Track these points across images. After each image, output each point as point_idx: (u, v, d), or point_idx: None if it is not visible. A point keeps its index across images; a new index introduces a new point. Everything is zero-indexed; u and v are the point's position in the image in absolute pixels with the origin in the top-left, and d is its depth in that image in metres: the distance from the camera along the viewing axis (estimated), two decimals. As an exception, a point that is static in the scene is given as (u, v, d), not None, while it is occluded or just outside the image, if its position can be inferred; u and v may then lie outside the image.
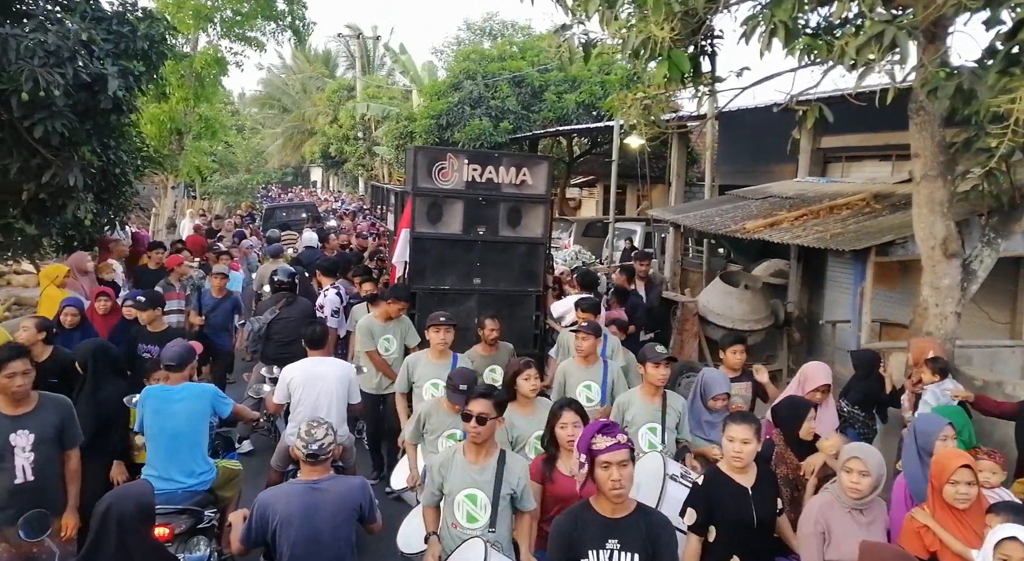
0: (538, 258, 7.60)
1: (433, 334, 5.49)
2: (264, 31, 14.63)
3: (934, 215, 6.03)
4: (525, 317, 7.56)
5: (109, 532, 2.87)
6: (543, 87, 19.83)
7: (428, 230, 7.31)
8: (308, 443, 3.56)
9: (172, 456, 4.44)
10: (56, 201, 7.92)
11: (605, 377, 5.55)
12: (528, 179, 7.38)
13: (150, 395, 4.56)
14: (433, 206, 7.29)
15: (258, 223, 19.80)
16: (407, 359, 5.67)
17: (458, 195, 7.25)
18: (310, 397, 5.28)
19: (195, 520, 4.31)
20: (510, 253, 7.49)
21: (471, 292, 7.39)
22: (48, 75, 6.49)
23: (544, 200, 7.54)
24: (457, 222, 7.34)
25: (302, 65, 45.85)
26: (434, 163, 7.15)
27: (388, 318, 6.50)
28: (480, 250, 7.41)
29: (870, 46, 4.31)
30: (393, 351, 6.53)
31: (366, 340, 6.46)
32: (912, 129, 6.03)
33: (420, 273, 7.29)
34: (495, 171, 7.26)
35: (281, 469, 5.46)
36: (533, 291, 7.58)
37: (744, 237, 8.26)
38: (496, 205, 7.36)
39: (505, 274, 7.48)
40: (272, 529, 3.41)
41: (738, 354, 5.66)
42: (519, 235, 7.49)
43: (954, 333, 6.28)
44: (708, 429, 5.17)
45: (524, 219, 7.51)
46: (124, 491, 3.14)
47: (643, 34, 4.73)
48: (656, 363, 4.81)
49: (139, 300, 6.56)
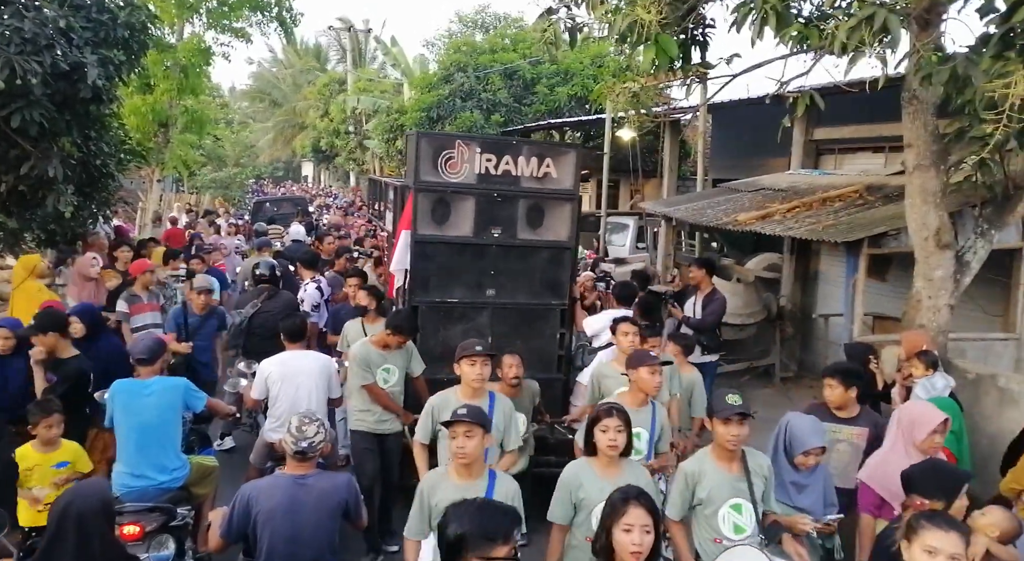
0: (563, 265, 6.35)
1: (467, 368, 4.38)
2: (251, 22, 14.43)
3: (927, 206, 5.95)
4: (548, 336, 6.38)
5: (67, 530, 2.77)
6: (535, 80, 19.71)
7: (433, 232, 6.12)
8: (298, 440, 3.47)
9: (143, 452, 4.33)
10: (36, 193, 7.78)
11: (654, 424, 4.51)
12: (552, 171, 6.17)
13: (119, 390, 4.45)
14: (439, 203, 6.12)
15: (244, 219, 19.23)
16: (432, 401, 4.53)
17: (469, 190, 6.06)
18: (289, 392, 5.19)
19: (167, 518, 4.19)
20: (530, 260, 6.28)
21: (483, 306, 6.20)
22: (25, 63, 6.35)
23: (571, 196, 6.29)
24: (467, 222, 6.13)
25: (293, 59, 45.60)
26: (440, 152, 5.98)
27: (387, 347, 5.47)
28: (494, 256, 6.20)
29: (860, 29, 4.21)
30: (394, 383, 5.49)
31: (361, 372, 5.37)
32: (905, 118, 5.94)
33: (423, 283, 6.11)
34: (513, 162, 6.07)
35: (260, 466, 5.36)
36: (557, 304, 6.34)
37: (736, 230, 8.17)
38: (514, 202, 6.16)
39: (524, 284, 6.27)
40: (253, 522, 3.35)
41: (836, 389, 4.46)
42: (541, 238, 6.30)
43: (947, 325, 6.22)
44: (795, 493, 4.07)
45: (547, 219, 6.31)
46: (84, 488, 3.04)
47: (629, 17, 4.62)
48: (726, 420, 3.62)
49: None
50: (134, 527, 3.97)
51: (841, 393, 4.47)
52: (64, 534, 2.76)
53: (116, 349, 5.69)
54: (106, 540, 2.88)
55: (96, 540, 2.81)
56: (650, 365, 4.38)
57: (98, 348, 5.48)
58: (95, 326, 5.64)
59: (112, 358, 5.43)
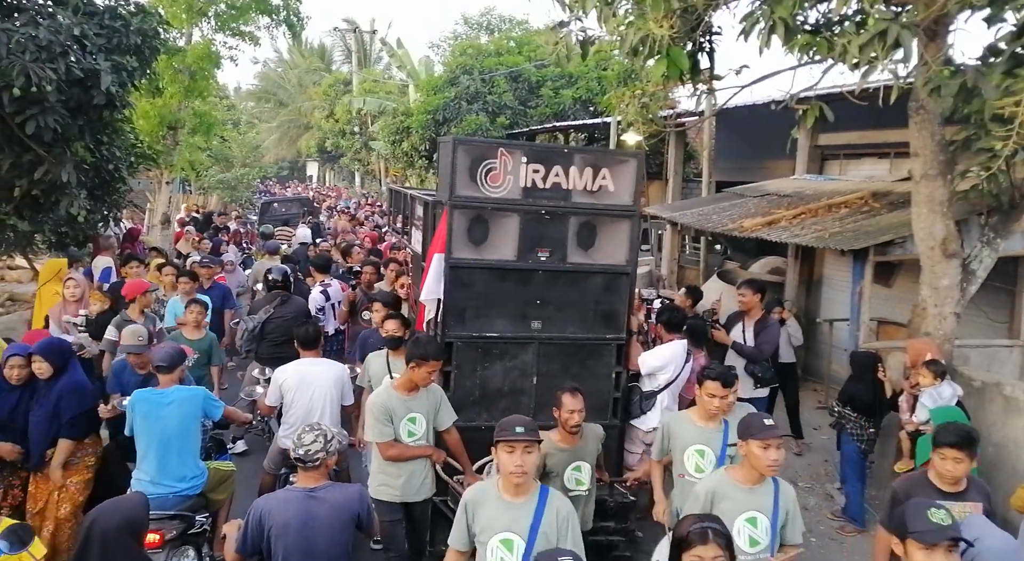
0: (620, 293, 5.54)
1: (505, 456, 3.34)
2: (259, 25, 14.53)
3: (933, 215, 5.99)
4: (602, 375, 5.54)
5: (91, 547, 2.82)
6: (540, 82, 19.77)
7: (470, 256, 5.33)
8: (296, 447, 3.53)
9: (163, 460, 4.39)
10: (49, 197, 7.87)
11: (777, 506, 3.70)
12: (609, 184, 5.37)
13: (140, 399, 4.50)
14: (477, 222, 5.32)
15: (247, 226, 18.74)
16: (466, 498, 3.49)
17: (512, 207, 5.27)
18: (303, 399, 5.23)
19: (186, 525, 4.26)
20: (582, 287, 5.48)
21: (527, 341, 5.40)
22: (40, 70, 6.42)
23: (631, 213, 5.47)
24: (510, 244, 5.33)
25: (298, 59, 45.71)
26: (480, 162, 5.18)
27: (413, 388, 4.55)
28: (541, 283, 5.39)
29: (873, 45, 4.26)
30: (420, 436, 4.56)
31: (380, 426, 4.44)
32: (912, 128, 5.98)
33: (458, 315, 5.32)
34: (564, 173, 5.28)
35: (274, 471, 5.43)
36: (613, 339, 5.54)
37: (742, 235, 8.22)
38: (564, 220, 5.37)
39: (575, 316, 5.49)
40: (267, 536, 3.36)
41: (962, 463, 3.71)
42: (595, 261, 5.50)
43: (953, 334, 6.26)
44: None
45: (601, 239, 5.50)
46: (112, 505, 3.08)
47: (641, 31, 4.67)
48: (765, 442, 3.40)
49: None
50: (154, 535, 4.01)
51: (967, 467, 3.76)
52: (88, 550, 2.80)
53: (70, 387, 4.77)
54: (131, 555, 2.92)
55: (119, 555, 2.85)
56: (765, 439, 3.45)
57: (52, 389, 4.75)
58: (63, 367, 4.80)
59: (62, 397, 4.70)
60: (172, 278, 8.04)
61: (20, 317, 9.98)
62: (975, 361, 7.23)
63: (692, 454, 4.29)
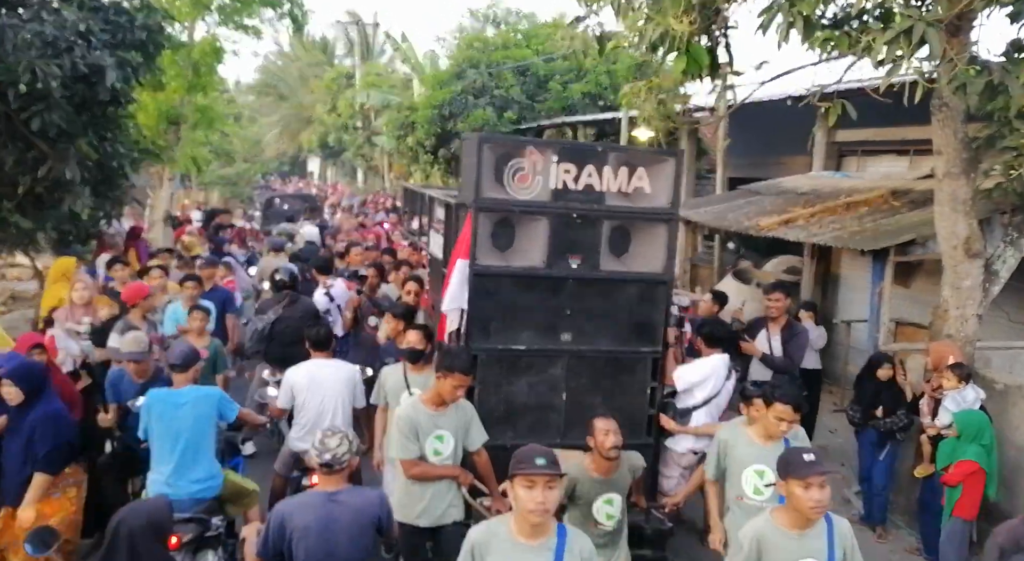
0: (656, 303, 5.23)
1: (523, 492, 2.88)
2: (262, 19, 14.38)
3: (957, 214, 5.88)
4: (636, 391, 5.25)
5: (119, 547, 2.81)
6: (548, 77, 19.58)
7: (496, 262, 5.01)
8: (321, 452, 3.46)
9: (178, 461, 4.32)
10: (52, 195, 7.78)
11: (832, 549, 3.50)
12: (645, 185, 5.07)
13: (155, 399, 4.45)
14: (502, 226, 5.04)
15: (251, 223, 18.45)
16: (472, 539, 3.00)
17: (541, 210, 4.96)
18: (315, 401, 5.16)
19: (202, 528, 4.19)
20: (616, 296, 5.17)
21: (556, 354, 5.09)
22: (46, 66, 6.33)
23: (669, 217, 5.17)
24: (538, 250, 5.02)
25: (299, 52, 45.45)
26: (507, 161, 4.85)
27: (441, 402, 4.23)
28: (571, 292, 5.08)
29: (898, 42, 4.14)
30: (447, 455, 4.24)
31: (406, 442, 4.13)
32: (934, 125, 5.86)
33: (483, 326, 5.01)
34: (597, 173, 4.96)
35: (285, 474, 5.35)
36: (648, 352, 5.24)
37: (758, 234, 8.08)
38: (596, 225, 5.04)
39: (607, 327, 5.17)
40: (288, 540, 3.34)
41: None
42: (629, 269, 5.21)
43: (974, 336, 6.15)
44: None
45: (636, 245, 5.21)
46: (136, 507, 3.08)
47: (661, 27, 4.56)
48: (806, 480, 3.04)
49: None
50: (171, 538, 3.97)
51: None
52: (116, 550, 2.79)
53: (44, 417, 4.32)
54: (156, 555, 2.91)
55: (145, 556, 2.84)
56: (807, 478, 3.05)
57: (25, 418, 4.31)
58: (36, 392, 4.36)
59: (36, 428, 4.26)
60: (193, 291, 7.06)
61: (23, 316, 9.91)
62: (996, 363, 7.10)
63: (751, 475, 4.00)
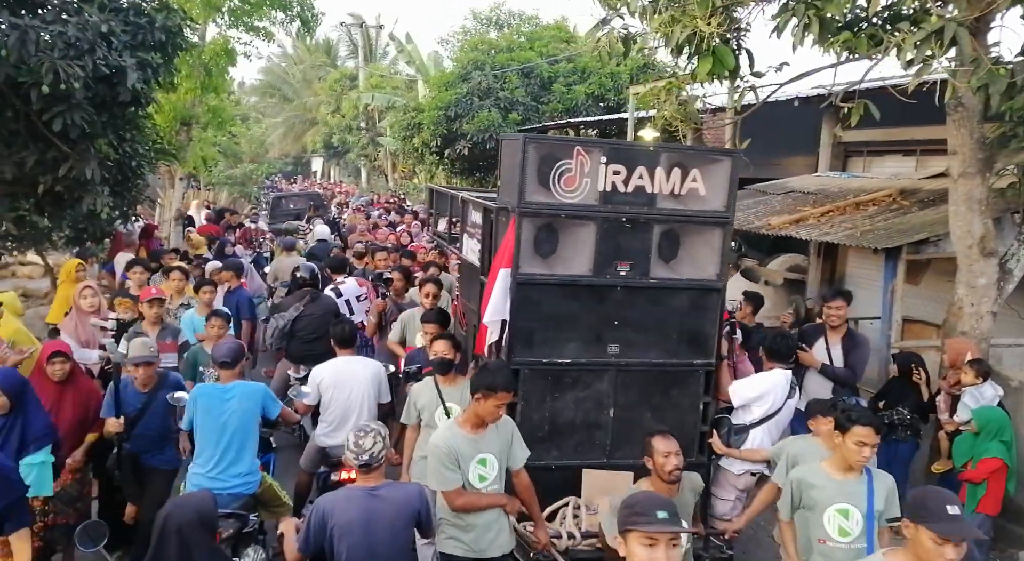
0: (710, 312, 4.93)
1: (643, 552, 2.40)
2: (273, 20, 14.44)
3: (972, 213, 5.95)
4: (687, 406, 4.96)
5: (169, 541, 2.87)
6: (552, 78, 19.67)
7: (539, 270, 4.72)
8: (358, 454, 3.49)
9: (221, 456, 4.41)
10: (72, 194, 7.84)
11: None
12: (699, 187, 4.78)
13: (201, 393, 4.55)
14: (546, 232, 4.74)
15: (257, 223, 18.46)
16: None
17: (588, 214, 4.66)
18: (341, 397, 5.23)
19: (240, 524, 4.26)
20: (666, 305, 4.86)
21: (604, 368, 4.82)
22: (68, 68, 6.37)
23: (724, 220, 4.87)
24: (584, 257, 4.72)
25: (303, 54, 45.52)
26: (553, 163, 4.57)
27: (480, 424, 3.89)
28: (619, 301, 4.77)
29: (929, 42, 4.21)
30: (492, 479, 3.93)
31: (447, 472, 3.81)
32: (950, 125, 5.94)
33: (525, 338, 4.72)
34: (648, 174, 4.67)
35: (311, 471, 5.42)
36: (701, 365, 4.94)
37: (769, 233, 8.16)
38: (647, 229, 4.75)
39: (658, 339, 4.87)
40: (330, 535, 3.37)
41: None
42: (680, 276, 4.90)
43: (989, 333, 6.22)
44: None
45: (687, 250, 4.92)
46: (182, 500, 3.13)
47: (688, 29, 4.63)
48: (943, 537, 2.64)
49: None
50: None
51: None
52: (166, 545, 2.85)
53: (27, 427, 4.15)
54: (207, 549, 2.97)
55: (196, 549, 2.90)
56: (945, 535, 2.63)
57: None
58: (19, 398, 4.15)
59: None
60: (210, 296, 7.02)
61: (36, 313, 9.96)
62: (1007, 361, 7.18)
63: (834, 515, 3.61)
